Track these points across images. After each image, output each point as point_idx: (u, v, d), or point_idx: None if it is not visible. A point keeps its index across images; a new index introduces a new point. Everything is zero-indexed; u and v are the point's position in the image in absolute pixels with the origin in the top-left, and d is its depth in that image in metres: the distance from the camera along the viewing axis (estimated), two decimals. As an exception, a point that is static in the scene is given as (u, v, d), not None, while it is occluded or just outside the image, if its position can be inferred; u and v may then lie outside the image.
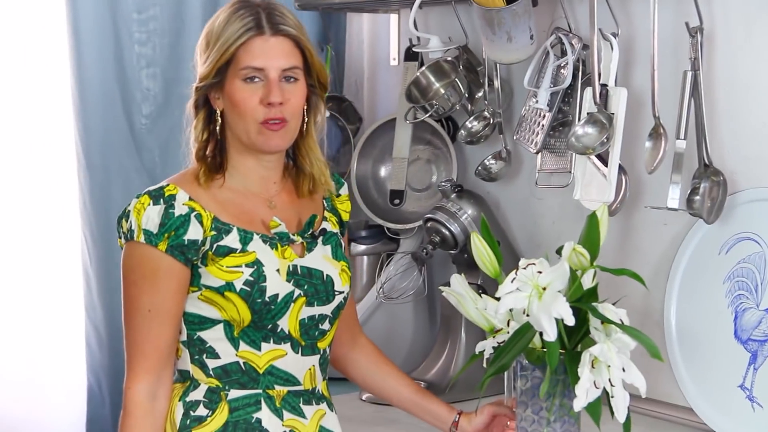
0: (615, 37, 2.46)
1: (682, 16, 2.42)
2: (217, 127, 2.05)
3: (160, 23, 3.02)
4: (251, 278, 1.99)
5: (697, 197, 2.37)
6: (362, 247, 3.06)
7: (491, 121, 2.83)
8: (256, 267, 2.00)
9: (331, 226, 2.15)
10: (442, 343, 2.81)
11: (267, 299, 2.00)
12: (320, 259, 2.09)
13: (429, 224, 2.77)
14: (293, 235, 2.07)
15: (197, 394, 2.03)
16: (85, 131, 2.96)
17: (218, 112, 2.04)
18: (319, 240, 2.11)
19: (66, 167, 3.02)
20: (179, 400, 2.03)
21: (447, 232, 2.74)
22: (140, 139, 3.02)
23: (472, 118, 2.86)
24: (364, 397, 2.73)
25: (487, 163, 2.84)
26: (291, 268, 2.04)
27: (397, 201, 2.95)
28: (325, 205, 2.17)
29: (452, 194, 2.76)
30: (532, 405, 2.24)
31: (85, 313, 2.99)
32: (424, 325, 3.00)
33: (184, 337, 2.04)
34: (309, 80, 2.07)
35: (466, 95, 2.84)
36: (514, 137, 2.73)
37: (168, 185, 2.01)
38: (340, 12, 3.29)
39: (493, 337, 2.23)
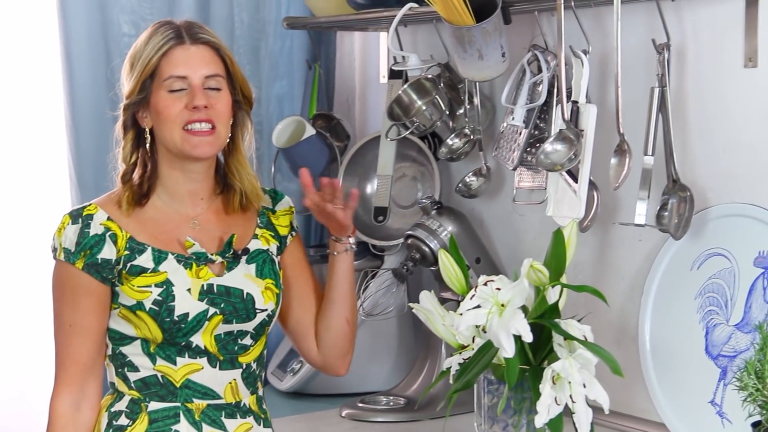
0: (586, 54, 2.47)
1: (653, 33, 2.42)
2: (147, 145, 2.10)
3: (150, 43, 3.06)
4: (159, 298, 2.05)
5: (666, 213, 2.37)
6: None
7: (471, 138, 2.85)
8: (165, 287, 2.05)
9: (262, 243, 2.18)
10: (423, 360, 2.82)
11: (176, 318, 2.05)
12: (241, 277, 2.12)
13: (409, 241, 2.79)
14: (212, 255, 2.11)
15: (121, 405, 2.10)
16: (77, 150, 3.00)
17: (147, 130, 2.09)
18: (243, 259, 2.14)
19: (58, 185, 3.06)
20: (105, 411, 2.11)
21: (427, 249, 2.76)
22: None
23: (453, 135, 2.87)
24: (343, 414, 2.75)
25: (468, 180, 2.86)
26: (205, 287, 2.08)
27: (380, 218, 2.96)
28: (259, 222, 2.20)
29: (432, 211, 2.78)
30: (499, 421, 2.25)
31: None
32: (408, 341, 3.01)
33: (109, 351, 2.11)
34: (234, 93, 2.12)
35: (447, 112, 2.86)
36: (493, 154, 2.75)
37: (90, 205, 2.08)
38: (330, 30, 3.31)
39: (460, 353, 2.25)
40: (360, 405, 2.77)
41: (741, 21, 2.33)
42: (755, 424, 2.00)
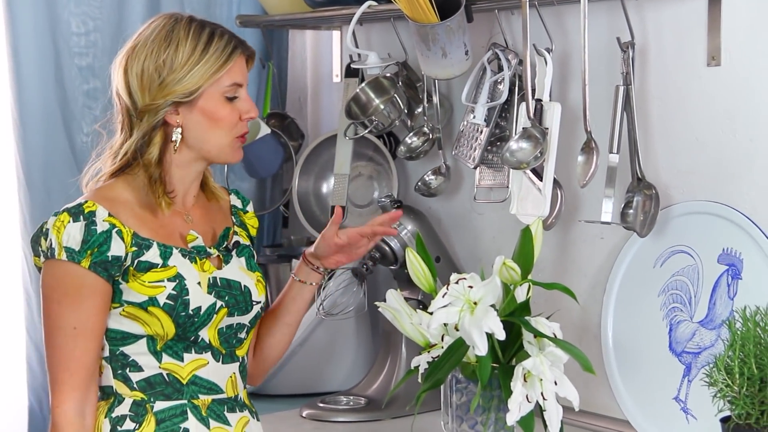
0: (549, 53, 2.47)
1: (615, 32, 2.43)
2: (176, 144, 2.06)
3: (100, 40, 3.02)
4: (174, 292, 2.02)
5: (631, 211, 2.38)
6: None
7: (430, 137, 2.84)
8: (178, 281, 2.03)
9: (242, 239, 2.20)
10: (383, 359, 2.81)
11: (191, 312, 2.03)
12: (237, 270, 2.13)
13: (369, 240, 2.76)
14: (209, 248, 2.11)
15: (122, 409, 2.05)
16: (25, 150, 2.95)
17: (180, 128, 2.06)
18: (234, 252, 2.15)
19: (6, 186, 3.00)
20: (105, 417, 2.05)
21: (387, 248, 2.75)
22: (82, 158, 3.00)
23: (411, 133, 2.87)
24: (304, 414, 2.73)
25: (427, 179, 2.85)
26: (211, 281, 2.07)
27: (338, 217, 2.94)
28: (234, 220, 2.22)
29: (391, 210, 2.77)
30: (468, 419, 2.25)
31: (26, 332, 2.97)
32: (366, 341, 3.00)
33: (106, 353, 2.05)
34: None
35: (406, 111, 2.85)
36: (453, 152, 2.74)
37: (86, 202, 2.02)
38: (282, 29, 3.29)
39: (428, 352, 2.24)
40: (321, 405, 2.75)
41: (704, 19, 2.35)
42: (724, 420, 2.02)
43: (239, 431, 2.11)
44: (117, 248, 1.99)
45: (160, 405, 2.05)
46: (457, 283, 2.13)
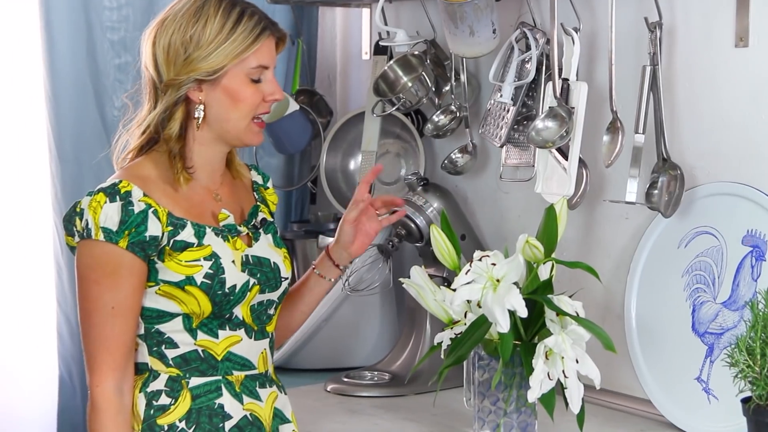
0: (577, 32, 2.47)
1: (642, 11, 2.43)
2: (199, 120, 2.07)
3: (132, 14, 3.04)
4: (211, 271, 2.04)
5: (656, 191, 2.39)
6: (330, 240, 3.07)
7: (458, 115, 2.85)
8: (214, 260, 2.05)
9: (266, 216, 2.22)
10: (407, 336, 2.83)
11: (227, 290, 2.05)
12: (266, 247, 2.15)
13: (395, 217, 2.78)
14: (239, 226, 2.13)
15: (158, 384, 2.06)
16: (57, 122, 2.98)
17: (201, 105, 2.06)
18: (261, 230, 2.17)
19: (38, 158, 3.03)
20: (140, 392, 2.06)
21: (413, 225, 2.76)
22: (112, 131, 2.99)
23: (438, 111, 2.88)
24: (328, 388, 2.75)
25: (454, 157, 2.86)
26: (244, 258, 2.09)
27: (365, 194, 2.96)
28: (256, 197, 2.23)
29: (418, 187, 2.78)
30: (489, 396, 2.27)
31: (57, 303, 3.01)
32: (391, 317, 3.02)
33: (141, 330, 2.06)
34: None
35: (433, 89, 2.86)
36: (480, 131, 2.75)
37: (121, 182, 2.02)
38: (312, 6, 3.30)
39: (451, 328, 2.26)
40: (345, 380, 2.77)
41: (732, 0, 2.34)
42: (745, 400, 2.03)
43: (269, 406, 2.13)
44: (154, 228, 2.00)
45: (195, 381, 2.06)
46: (480, 260, 2.15)
